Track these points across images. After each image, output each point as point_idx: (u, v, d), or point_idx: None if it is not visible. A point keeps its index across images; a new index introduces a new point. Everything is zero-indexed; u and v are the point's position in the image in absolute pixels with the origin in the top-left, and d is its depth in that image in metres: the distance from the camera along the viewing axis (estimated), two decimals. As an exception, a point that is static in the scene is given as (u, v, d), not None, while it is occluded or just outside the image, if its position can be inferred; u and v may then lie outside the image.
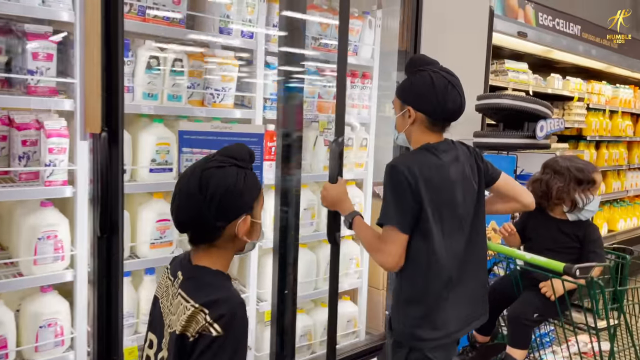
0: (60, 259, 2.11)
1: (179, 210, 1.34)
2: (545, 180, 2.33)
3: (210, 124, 2.06)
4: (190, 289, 1.30)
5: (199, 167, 1.33)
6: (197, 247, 1.38)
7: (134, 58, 2.26)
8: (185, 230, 1.37)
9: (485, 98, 3.16)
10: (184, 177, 1.34)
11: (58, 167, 2.07)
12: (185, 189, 1.32)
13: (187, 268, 1.37)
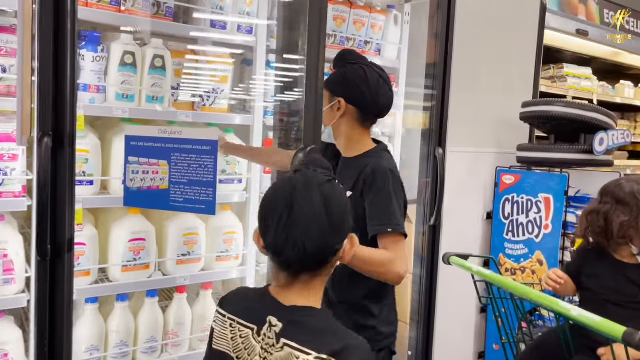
0: (11, 281, 1.84)
1: (307, 238, 1.04)
2: (605, 211, 1.78)
3: (158, 128, 1.73)
4: (303, 336, 1.05)
5: (312, 182, 1.09)
6: (293, 280, 1.10)
7: (106, 54, 1.98)
8: (306, 263, 1.07)
9: (531, 105, 2.67)
10: (299, 196, 1.06)
11: (9, 177, 1.82)
12: (308, 210, 1.05)
13: (283, 310, 1.08)
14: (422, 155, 2.68)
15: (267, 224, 1.07)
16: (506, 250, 2.71)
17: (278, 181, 1.14)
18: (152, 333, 2.17)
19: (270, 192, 1.12)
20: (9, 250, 1.82)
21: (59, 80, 1.62)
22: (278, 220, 1.05)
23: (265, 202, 1.10)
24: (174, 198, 1.73)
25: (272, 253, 1.07)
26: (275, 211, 1.06)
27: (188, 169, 1.72)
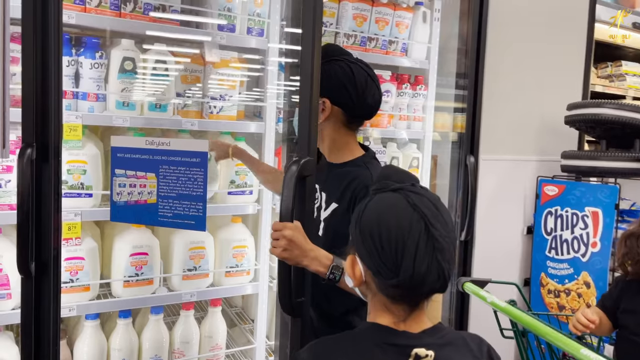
0: (6, 296, 1.79)
1: (450, 262, 0.94)
2: (637, 236, 1.53)
3: (145, 139, 1.61)
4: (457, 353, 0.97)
5: (436, 198, 0.98)
6: (412, 310, 0.97)
7: (105, 60, 1.90)
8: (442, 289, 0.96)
9: (578, 107, 2.38)
10: (433, 216, 0.93)
11: (4, 189, 1.77)
12: (446, 231, 0.94)
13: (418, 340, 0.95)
14: (453, 163, 2.46)
15: (396, 256, 0.91)
16: (549, 270, 2.43)
17: (384, 205, 0.97)
18: (156, 352, 2.07)
19: (387, 218, 0.95)
20: (4, 264, 1.77)
21: (44, 90, 1.55)
22: (415, 249, 0.91)
23: (386, 229, 0.93)
24: (162, 213, 1.61)
25: (405, 288, 0.92)
26: (408, 239, 0.91)
27: (177, 182, 1.59)
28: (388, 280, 0.92)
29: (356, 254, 0.99)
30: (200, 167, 1.57)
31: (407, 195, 0.95)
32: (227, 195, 2.17)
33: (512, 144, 2.51)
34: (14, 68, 1.66)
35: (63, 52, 1.81)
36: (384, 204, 0.97)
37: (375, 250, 0.93)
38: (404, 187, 0.97)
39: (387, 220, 0.94)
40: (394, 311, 0.96)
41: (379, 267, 0.93)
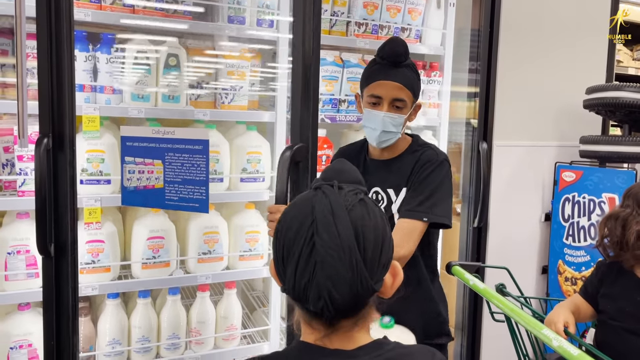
0: (34, 275, 1.95)
1: (335, 284, 0.79)
2: (624, 217, 1.46)
3: (152, 129, 1.71)
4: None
5: (338, 206, 0.82)
6: (332, 329, 0.85)
7: (122, 54, 2.02)
8: (338, 312, 0.81)
9: (597, 90, 2.31)
10: (322, 226, 0.80)
11: (30, 177, 1.92)
12: (334, 245, 0.79)
13: (360, 359, 0.84)
14: (466, 149, 2.44)
15: (283, 262, 0.83)
16: (566, 257, 2.39)
17: (296, 202, 0.87)
18: (174, 330, 2.19)
19: (285, 218, 0.85)
20: (31, 246, 1.92)
21: (59, 83, 1.67)
22: (297, 258, 0.80)
23: (280, 231, 0.84)
24: (169, 197, 1.72)
25: (292, 299, 0.83)
26: (293, 246, 0.81)
27: (181, 168, 1.69)
28: (282, 286, 0.84)
29: None
30: (203, 154, 1.67)
31: (316, 195, 0.84)
32: (239, 182, 2.25)
33: (530, 130, 2.47)
34: (31, 63, 1.78)
35: (80, 48, 1.94)
36: (296, 201, 0.87)
37: (274, 252, 0.85)
38: (323, 185, 0.85)
39: (284, 218, 0.85)
40: (312, 326, 0.85)
41: (276, 269, 0.85)
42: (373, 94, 1.62)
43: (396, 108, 1.61)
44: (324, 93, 2.36)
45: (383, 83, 1.60)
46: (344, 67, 2.41)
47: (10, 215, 1.99)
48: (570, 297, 1.58)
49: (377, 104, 1.62)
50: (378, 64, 1.63)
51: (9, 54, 2.08)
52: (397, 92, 1.60)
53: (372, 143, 1.67)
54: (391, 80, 1.59)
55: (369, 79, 1.64)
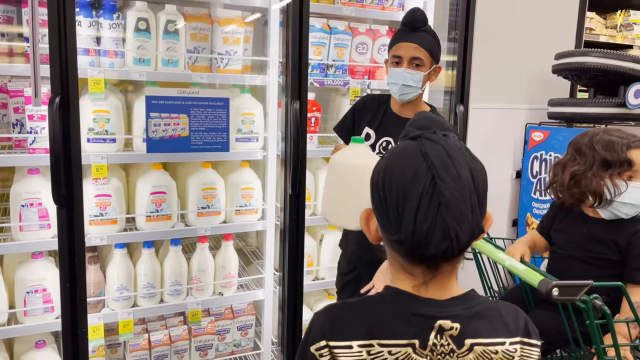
0: (47, 226, 2.11)
1: (460, 223, 0.80)
2: (564, 162, 1.68)
3: (177, 90, 1.89)
4: (488, 327, 0.87)
5: (454, 149, 0.84)
6: (433, 274, 0.87)
7: (122, 21, 2.15)
8: (455, 253, 0.83)
9: (565, 56, 2.50)
10: (443, 169, 0.81)
11: (40, 135, 2.06)
12: (457, 187, 0.80)
13: (444, 308, 0.86)
14: (445, 113, 2.63)
15: (397, 209, 0.82)
16: (533, 210, 2.62)
17: (396, 151, 0.87)
18: (176, 277, 2.39)
19: (393, 165, 0.85)
20: (43, 198, 2.08)
21: (65, 47, 1.81)
22: (418, 203, 0.79)
23: (389, 178, 0.84)
24: (194, 143, 2.06)
25: (408, 246, 0.82)
26: (410, 192, 0.80)
27: (205, 119, 2.06)
28: (391, 236, 0.84)
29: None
30: (224, 108, 2.10)
31: (421, 143, 0.84)
32: (235, 142, 2.42)
33: (503, 93, 2.66)
34: (44, 30, 1.91)
35: (84, 14, 2.07)
36: (396, 152, 0.87)
37: (379, 201, 0.85)
38: (424, 134, 0.85)
39: (392, 168, 0.84)
40: (412, 273, 0.86)
41: (383, 221, 0.85)
42: (394, 55, 1.88)
43: (415, 66, 1.86)
44: (312, 58, 2.51)
45: (402, 45, 1.86)
46: (331, 33, 2.56)
47: (22, 171, 2.14)
48: (528, 233, 1.80)
49: (399, 63, 1.87)
50: (400, 30, 1.89)
51: (14, 21, 2.19)
52: (414, 52, 1.85)
53: (395, 96, 1.92)
54: (409, 41, 1.85)
55: (392, 43, 1.90)
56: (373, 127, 2.01)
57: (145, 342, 2.42)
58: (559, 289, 1.13)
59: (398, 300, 0.87)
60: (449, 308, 0.85)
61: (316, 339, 0.87)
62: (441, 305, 0.85)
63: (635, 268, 1.54)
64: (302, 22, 2.15)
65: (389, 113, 1.99)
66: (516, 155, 2.72)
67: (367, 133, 2.02)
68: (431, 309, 0.85)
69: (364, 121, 2.04)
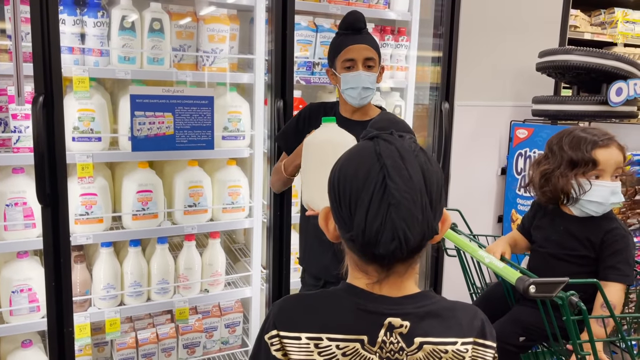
0: (31, 225, 2.11)
1: (409, 224, 0.81)
2: (537, 161, 1.73)
3: (162, 88, 1.89)
4: (439, 327, 0.87)
5: (406, 150, 0.85)
6: (386, 273, 0.87)
7: (107, 19, 2.14)
8: (405, 254, 0.83)
9: (548, 54, 2.53)
10: (394, 169, 0.82)
11: (24, 134, 2.05)
12: (407, 188, 0.81)
13: (395, 306, 0.87)
14: (431, 109, 2.65)
15: (350, 208, 0.83)
16: (518, 207, 2.65)
17: (353, 150, 0.89)
18: (163, 276, 2.39)
19: (348, 165, 0.86)
20: (28, 198, 2.07)
21: (48, 45, 1.80)
22: (368, 203, 0.81)
23: (343, 178, 0.85)
24: (179, 141, 2.08)
25: (360, 245, 0.84)
26: (362, 192, 0.82)
27: (190, 118, 2.08)
28: (345, 234, 0.85)
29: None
30: (208, 106, 2.11)
31: (377, 144, 0.85)
32: (221, 140, 2.42)
33: (488, 91, 2.68)
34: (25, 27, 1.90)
35: (68, 12, 2.06)
36: (352, 152, 0.89)
37: (335, 199, 0.86)
38: (381, 134, 0.87)
39: (346, 168, 0.86)
40: (367, 271, 0.87)
41: (337, 219, 0.87)
42: (347, 59, 1.79)
43: (368, 67, 1.80)
44: (298, 56, 2.52)
45: (353, 47, 1.79)
46: (318, 31, 2.56)
47: (6, 171, 2.13)
48: (510, 232, 1.82)
49: (352, 66, 1.79)
50: (343, 34, 1.82)
51: (-4, 18, 2.17)
52: (367, 52, 1.79)
53: (354, 102, 1.81)
54: (359, 43, 1.79)
55: (339, 48, 1.81)
56: None
57: (133, 341, 2.43)
58: (535, 286, 1.15)
59: (350, 295, 0.88)
60: (400, 306, 0.86)
61: (269, 328, 0.89)
62: (393, 302, 0.86)
63: (608, 266, 1.57)
64: (286, 20, 2.16)
65: (339, 118, 1.87)
66: (501, 152, 2.74)
67: None
68: (382, 306, 0.86)
69: (313, 128, 1.83)
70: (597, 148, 1.58)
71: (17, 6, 1.71)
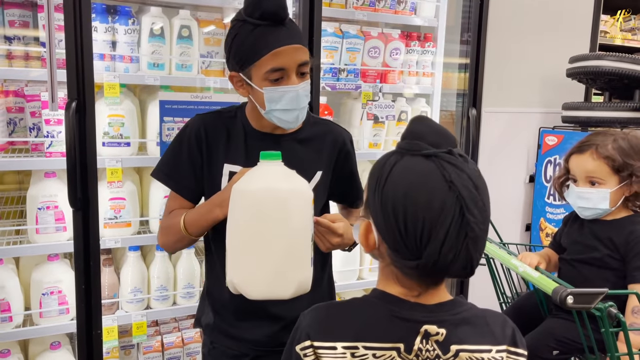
0: (62, 229, 2.14)
1: (479, 251, 0.82)
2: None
3: (190, 94, 1.91)
4: (474, 334, 0.86)
5: (478, 179, 0.82)
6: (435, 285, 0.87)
7: (137, 26, 2.17)
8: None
9: (579, 60, 2.48)
10: (470, 199, 0.79)
11: (56, 139, 2.09)
12: (483, 219, 0.80)
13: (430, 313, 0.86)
14: (457, 116, 2.62)
15: (420, 238, 0.79)
16: (547, 215, 2.60)
17: (413, 173, 0.82)
18: (189, 280, 2.40)
19: (416, 193, 0.80)
20: (59, 202, 2.11)
21: (81, 52, 1.84)
22: (444, 236, 0.78)
23: (412, 206, 0.79)
24: None
25: (422, 271, 0.81)
26: (438, 223, 0.78)
27: None
28: (406, 261, 0.81)
29: (371, 220, 0.86)
30: None
31: (442, 167, 0.80)
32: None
33: (516, 97, 2.65)
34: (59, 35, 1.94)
35: (100, 20, 2.10)
36: (414, 174, 0.81)
37: (397, 228, 0.80)
38: (440, 154, 0.81)
39: (415, 197, 0.79)
40: (406, 285, 0.86)
41: (398, 246, 0.81)
42: (274, 68, 1.22)
43: (301, 75, 1.28)
44: (324, 63, 2.52)
45: (282, 50, 1.22)
46: (344, 37, 2.56)
47: (38, 175, 2.17)
48: (543, 249, 1.79)
49: (281, 77, 1.25)
50: (258, 26, 1.21)
51: (30, 25, 2.23)
52: (301, 55, 1.25)
53: (286, 126, 1.31)
54: (290, 42, 1.23)
55: (257, 49, 1.22)
56: (237, 161, 1.34)
57: (158, 344, 2.44)
58: (573, 296, 1.12)
59: (385, 303, 0.87)
60: (435, 313, 0.85)
61: (301, 338, 0.87)
62: (428, 310, 0.85)
63: (635, 267, 1.53)
64: (313, 27, 2.16)
65: (251, 133, 1.37)
66: (529, 160, 2.70)
67: (232, 172, 1.33)
68: (418, 313, 0.85)
69: (217, 157, 1.36)
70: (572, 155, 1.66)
71: (52, 14, 1.75)
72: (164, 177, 1.42)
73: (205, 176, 1.37)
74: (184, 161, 1.37)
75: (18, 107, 2.21)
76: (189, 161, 1.36)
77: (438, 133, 0.85)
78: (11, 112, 2.19)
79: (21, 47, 2.12)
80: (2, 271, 2.07)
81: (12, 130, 2.20)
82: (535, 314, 1.67)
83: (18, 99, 2.20)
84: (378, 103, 2.59)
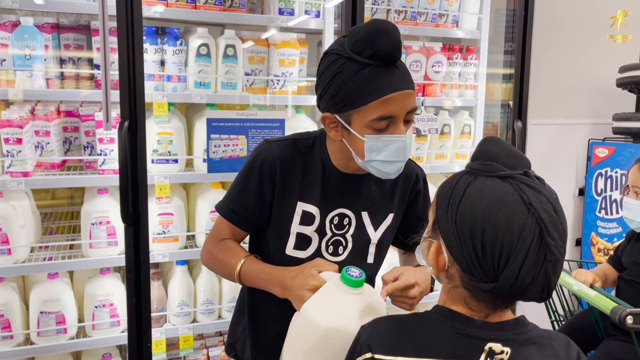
0: (114, 244, 2.21)
1: (559, 273, 0.83)
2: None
3: (236, 112, 1.97)
4: (537, 353, 0.85)
5: (556, 202, 0.83)
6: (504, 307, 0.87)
7: (185, 47, 2.24)
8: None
9: (630, 69, 2.41)
10: (551, 224, 0.78)
11: (109, 157, 2.17)
12: (563, 243, 0.82)
13: (494, 331, 0.84)
14: (502, 128, 2.58)
15: (497, 261, 0.78)
16: (598, 229, 2.51)
17: (491, 195, 0.80)
18: (234, 294, 2.43)
19: (495, 216, 0.79)
20: (111, 217, 2.18)
21: (134, 73, 1.91)
22: (523, 259, 0.77)
23: (491, 229, 0.78)
24: None
25: (498, 294, 0.81)
26: (517, 246, 0.77)
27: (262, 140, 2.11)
28: (481, 284, 0.80)
29: (441, 240, 0.85)
30: (280, 128, 2.17)
31: (520, 189, 0.79)
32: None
33: (563, 109, 2.58)
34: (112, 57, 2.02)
35: (150, 42, 2.18)
36: (491, 195, 0.80)
37: (472, 250, 0.79)
38: (516, 176, 0.81)
39: (494, 219, 0.78)
40: (474, 307, 0.85)
41: (472, 268, 0.80)
42: (383, 116, 1.11)
43: (406, 123, 1.16)
44: (366, 77, 2.52)
45: (395, 96, 1.10)
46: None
47: (91, 191, 2.26)
48: (599, 266, 1.72)
49: (388, 126, 1.13)
50: (366, 66, 1.09)
51: (84, 48, 2.33)
52: (412, 102, 1.13)
53: (382, 177, 1.21)
54: (403, 88, 1.11)
55: (365, 94, 1.10)
56: (312, 200, 1.24)
57: (205, 358, 2.48)
58: (633, 316, 1.08)
59: (448, 319, 0.86)
60: (499, 332, 0.84)
61: (362, 350, 0.87)
62: (492, 328, 0.84)
63: None
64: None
65: (330, 171, 1.25)
66: (578, 172, 2.62)
67: (305, 212, 1.25)
68: (482, 331, 0.84)
69: (291, 195, 1.25)
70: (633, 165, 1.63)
71: (107, 37, 1.82)
72: (228, 212, 1.33)
73: (275, 213, 1.26)
74: (251, 195, 1.27)
75: (73, 127, 2.31)
76: (257, 195, 1.26)
77: (512, 154, 0.84)
78: (67, 132, 2.29)
79: (73, 69, 2.22)
80: (58, 284, 2.16)
81: (68, 148, 2.30)
82: (590, 334, 1.61)
83: (73, 119, 2.30)
84: (420, 116, 2.58)
